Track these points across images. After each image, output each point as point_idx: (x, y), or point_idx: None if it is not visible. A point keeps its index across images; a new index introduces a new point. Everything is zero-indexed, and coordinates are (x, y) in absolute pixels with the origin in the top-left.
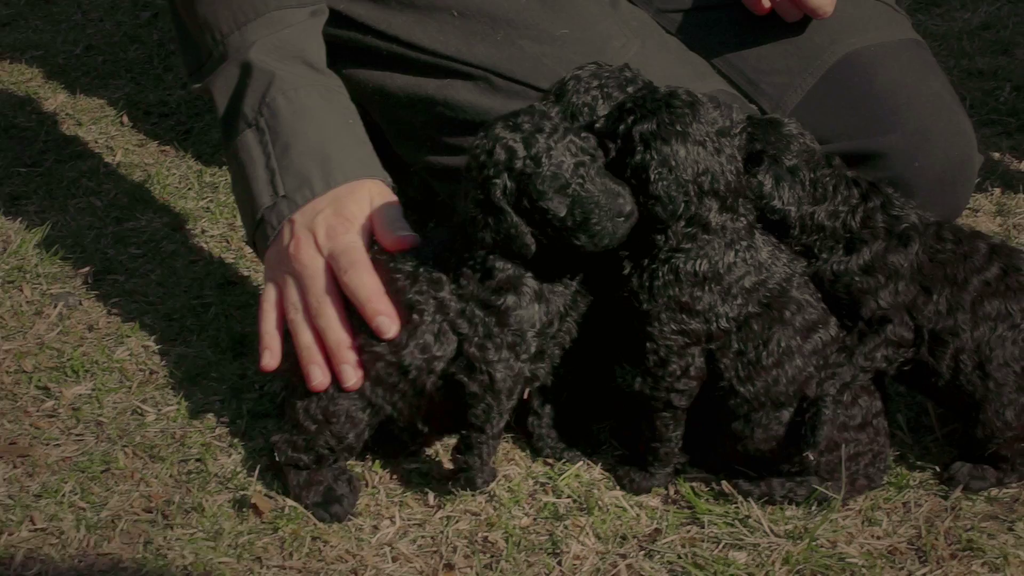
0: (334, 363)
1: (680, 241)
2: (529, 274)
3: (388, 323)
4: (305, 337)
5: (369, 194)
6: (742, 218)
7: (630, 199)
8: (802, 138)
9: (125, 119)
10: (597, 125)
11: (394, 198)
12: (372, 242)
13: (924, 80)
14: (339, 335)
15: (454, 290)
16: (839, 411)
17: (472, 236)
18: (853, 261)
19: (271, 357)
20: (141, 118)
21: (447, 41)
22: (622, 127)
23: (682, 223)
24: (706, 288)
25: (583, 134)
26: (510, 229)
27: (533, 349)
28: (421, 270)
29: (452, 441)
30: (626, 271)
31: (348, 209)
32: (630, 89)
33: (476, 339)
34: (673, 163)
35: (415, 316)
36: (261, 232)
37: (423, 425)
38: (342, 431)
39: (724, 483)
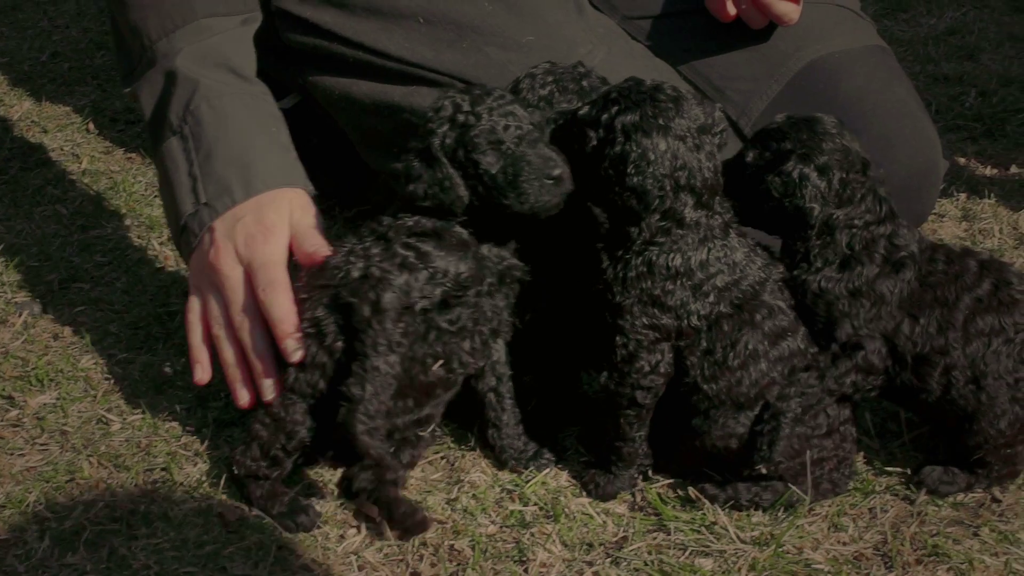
0: (255, 377)
1: (654, 234)
2: (456, 228)
3: (294, 347)
4: (228, 354)
5: (289, 203)
6: (717, 216)
7: (563, 165)
8: (838, 137)
9: (91, 126)
10: (581, 112)
11: (313, 208)
12: (291, 253)
13: (889, 86)
14: (261, 350)
15: (383, 248)
16: (804, 422)
17: (404, 191)
18: (843, 282)
19: (202, 371)
20: (107, 125)
21: (413, 48)
22: (605, 116)
23: (656, 216)
24: (678, 283)
25: (530, 108)
26: (444, 180)
27: (438, 293)
28: (357, 244)
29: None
30: (604, 264)
31: (268, 218)
32: (585, 83)
33: (386, 264)
34: (652, 156)
35: None
36: (185, 239)
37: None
38: (291, 428)
39: (690, 489)
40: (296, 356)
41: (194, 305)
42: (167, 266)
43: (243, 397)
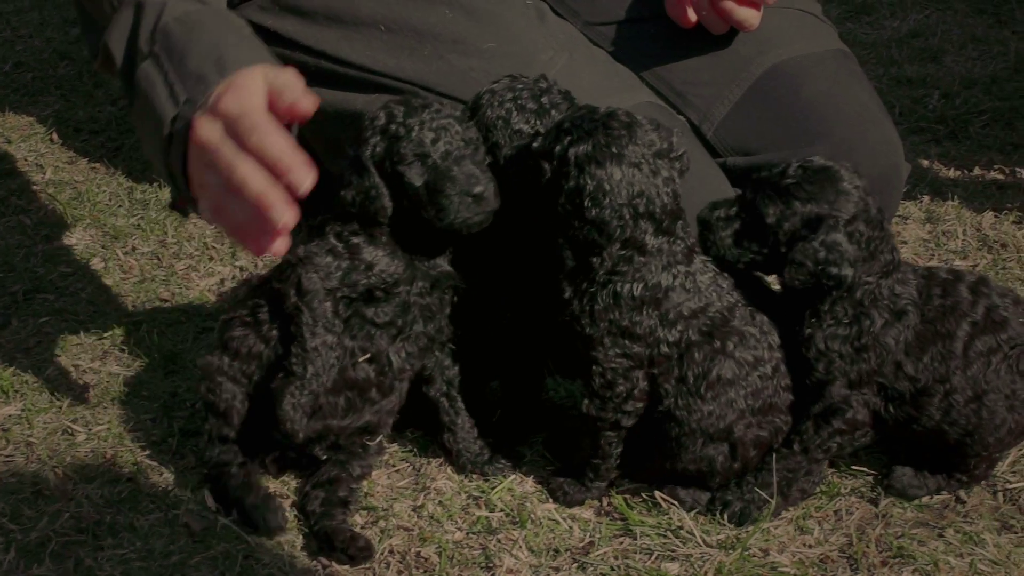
0: (280, 177)
1: (616, 264)
2: (386, 230)
3: (303, 175)
4: (239, 214)
5: (263, 71)
6: (679, 241)
7: (487, 183)
8: (857, 192)
9: (55, 136)
10: (535, 145)
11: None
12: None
13: (850, 90)
14: (269, 189)
15: (318, 241)
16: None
17: (336, 197)
18: (849, 339)
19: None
20: (71, 135)
21: (375, 56)
22: (558, 148)
23: (617, 245)
24: (645, 312)
25: (467, 124)
26: (370, 189)
27: (362, 284)
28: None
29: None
30: (566, 295)
31: (237, 80)
32: (544, 99)
33: (313, 250)
34: (607, 187)
35: None
36: (174, 150)
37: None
38: (225, 407)
39: (657, 493)
40: (308, 183)
41: (204, 205)
42: (132, 276)
43: (263, 247)
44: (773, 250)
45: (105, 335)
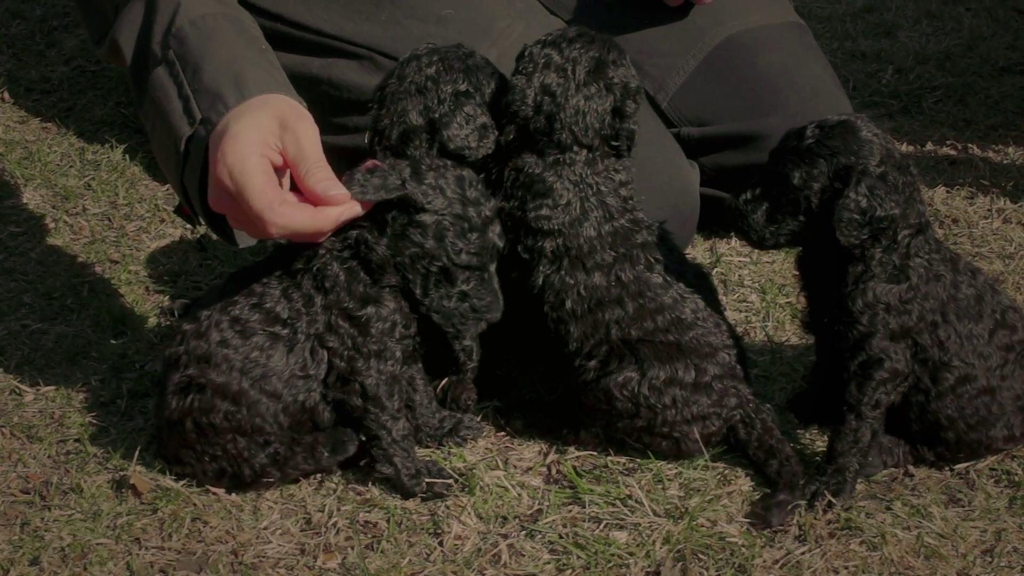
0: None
1: (509, 144)
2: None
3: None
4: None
5: (280, 107)
6: (575, 167)
7: None
8: (878, 139)
9: (6, 95)
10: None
11: (310, 119)
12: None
13: (805, 63)
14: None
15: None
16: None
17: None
18: (897, 290)
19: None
20: (22, 95)
21: (331, 20)
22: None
23: (514, 129)
24: (520, 192)
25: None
26: None
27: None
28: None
29: None
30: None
31: (237, 170)
32: (470, 62)
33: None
34: (525, 82)
35: None
36: (190, 169)
37: None
38: None
39: (609, 459)
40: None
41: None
42: (82, 237)
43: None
44: (809, 216)
45: (54, 296)
